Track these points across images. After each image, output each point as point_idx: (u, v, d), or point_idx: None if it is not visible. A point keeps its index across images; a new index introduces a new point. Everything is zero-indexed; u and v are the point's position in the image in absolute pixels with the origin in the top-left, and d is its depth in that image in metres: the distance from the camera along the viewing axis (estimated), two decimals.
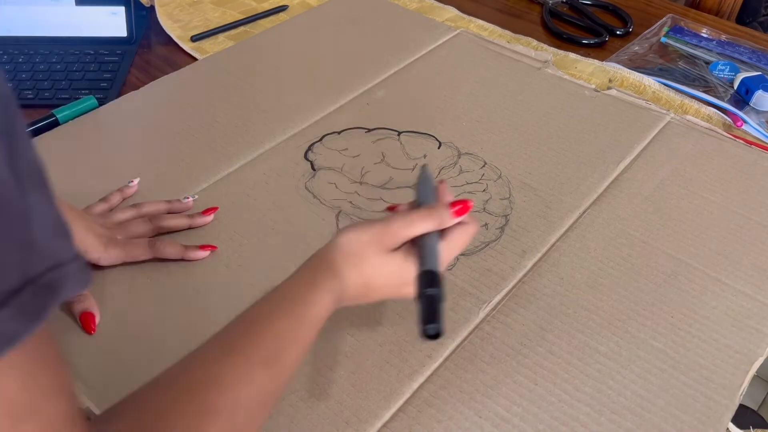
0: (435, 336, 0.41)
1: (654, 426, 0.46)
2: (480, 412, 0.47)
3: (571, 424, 0.46)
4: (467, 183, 0.65)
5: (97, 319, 0.52)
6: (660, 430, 0.46)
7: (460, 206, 0.46)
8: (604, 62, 0.84)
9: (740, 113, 0.76)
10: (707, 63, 0.85)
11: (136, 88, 0.78)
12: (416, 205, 0.48)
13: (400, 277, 0.44)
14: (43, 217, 0.24)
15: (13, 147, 0.23)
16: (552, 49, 0.87)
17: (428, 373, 0.49)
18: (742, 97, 0.79)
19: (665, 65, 0.85)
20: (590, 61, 0.84)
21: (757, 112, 0.77)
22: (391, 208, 0.51)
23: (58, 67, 0.81)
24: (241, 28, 0.91)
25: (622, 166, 0.68)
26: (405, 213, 0.46)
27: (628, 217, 0.62)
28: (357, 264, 0.43)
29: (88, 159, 0.67)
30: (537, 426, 0.46)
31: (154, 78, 0.80)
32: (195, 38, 0.88)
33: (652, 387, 0.49)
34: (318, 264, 0.43)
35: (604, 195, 0.64)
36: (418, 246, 0.45)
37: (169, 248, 0.56)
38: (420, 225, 0.45)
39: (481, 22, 0.92)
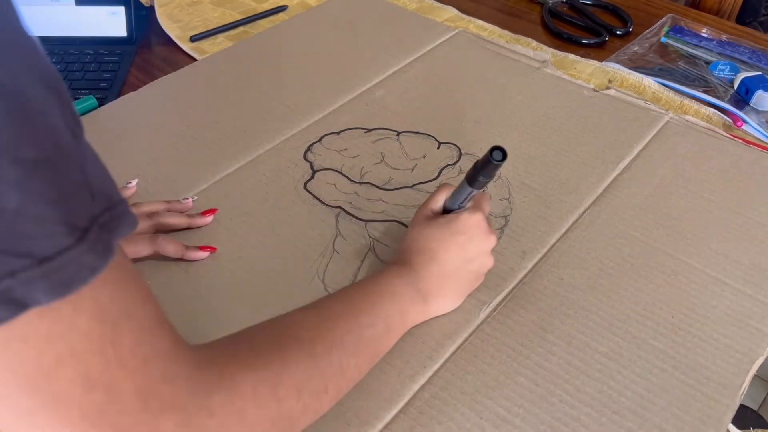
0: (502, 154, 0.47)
1: (655, 426, 0.46)
2: (481, 413, 0.47)
3: (573, 425, 0.46)
4: None
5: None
6: (661, 430, 0.46)
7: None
8: (603, 62, 0.84)
9: (740, 113, 0.76)
10: (707, 63, 0.85)
11: (136, 88, 0.78)
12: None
13: (456, 232, 0.50)
14: (93, 162, 0.27)
15: (62, 99, 0.25)
16: (551, 49, 0.87)
17: (429, 374, 0.49)
18: (742, 97, 0.79)
19: (665, 65, 0.85)
20: (589, 62, 0.84)
21: (757, 112, 0.77)
22: None
23: (58, 67, 0.81)
24: (241, 29, 0.91)
25: (621, 166, 0.68)
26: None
27: (627, 217, 0.62)
28: (416, 239, 0.51)
29: None
30: (538, 426, 0.46)
31: (153, 78, 0.80)
32: (194, 38, 0.88)
33: (653, 387, 0.49)
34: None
35: (604, 195, 0.64)
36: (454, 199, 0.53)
37: (170, 246, 0.56)
38: (443, 190, 0.53)
39: (480, 22, 0.92)
